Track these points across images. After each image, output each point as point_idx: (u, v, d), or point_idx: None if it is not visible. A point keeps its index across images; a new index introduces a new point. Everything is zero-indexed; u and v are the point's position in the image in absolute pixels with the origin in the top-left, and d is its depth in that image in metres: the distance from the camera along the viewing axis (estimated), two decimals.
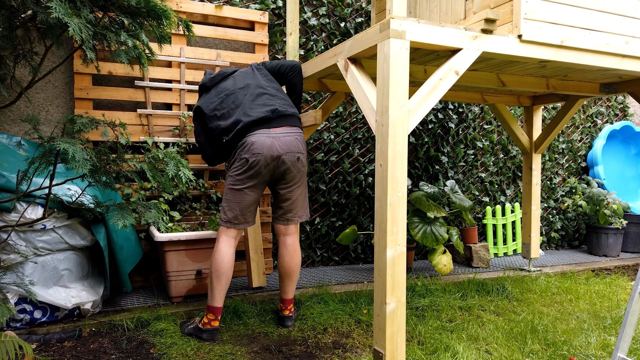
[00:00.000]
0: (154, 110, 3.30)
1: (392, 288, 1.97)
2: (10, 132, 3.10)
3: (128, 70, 3.27)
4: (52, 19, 1.78)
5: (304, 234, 3.97)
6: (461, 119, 4.64)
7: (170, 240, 2.83)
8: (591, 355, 2.30)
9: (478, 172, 4.75)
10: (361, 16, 4.17)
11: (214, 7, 3.49)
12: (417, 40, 2.03)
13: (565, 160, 5.24)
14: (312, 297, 3.07)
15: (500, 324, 2.70)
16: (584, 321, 2.81)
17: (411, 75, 2.76)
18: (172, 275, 2.88)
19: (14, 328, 2.42)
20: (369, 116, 2.11)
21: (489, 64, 2.73)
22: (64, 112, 3.24)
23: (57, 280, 2.50)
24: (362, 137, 4.20)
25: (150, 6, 1.97)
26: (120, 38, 1.91)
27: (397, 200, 1.97)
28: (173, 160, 2.08)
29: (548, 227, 5.12)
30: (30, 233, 2.41)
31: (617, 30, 2.57)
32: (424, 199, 3.67)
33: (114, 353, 2.27)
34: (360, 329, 2.65)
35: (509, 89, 3.20)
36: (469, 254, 4.18)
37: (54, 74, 3.22)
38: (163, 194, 3.24)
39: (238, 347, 2.37)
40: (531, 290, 3.44)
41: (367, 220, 4.23)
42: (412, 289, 3.29)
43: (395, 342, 1.98)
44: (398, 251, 1.98)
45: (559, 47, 2.41)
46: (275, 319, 2.74)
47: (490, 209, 4.59)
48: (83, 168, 1.74)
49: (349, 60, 2.30)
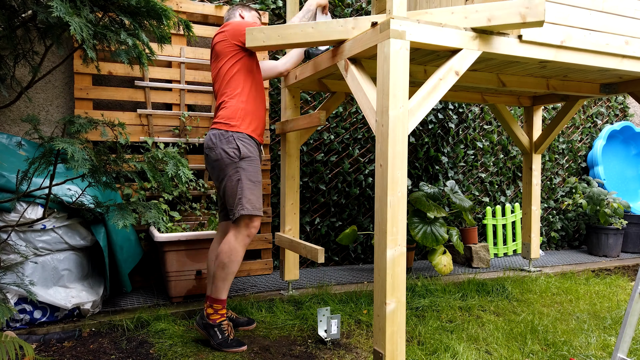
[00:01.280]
0: (154, 111, 3.30)
1: (392, 288, 1.97)
2: (10, 132, 3.10)
3: (128, 71, 3.27)
4: (52, 18, 1.79)
5: (304, 234, 3.96)
6: (461, 119, 4.64)
7: (170, 241, 2.83)
8: (591, 356, 2.30)
9: (478, 172, 4.75)
10: (361, 16, 4.17)
11: (214, 7, 3.49)
12: (417, 40, 2.03)
13: (565, 160, 5.24)
14: (312, 297, 3.07)
15: (500, 324, 2.70)
16: (584, 321, 2.81)
17: (411, 75, 2.76)
18: (172, 275, 2.88)
19: (14, 328, 2.42)
20: (369, 116, 2.10)
21: (489, 64, 2.73)
22: (64, 112, 3.23)
23: (57, 281, 2.50)
24: (362, 137, 4.20)
25: (150, 6, 1.97)
26: (121, 37, 1.91)
27: (397, 200, 1.97)
28: (173, 160, 2.08)
29: (548, 228, 5.12)
30: (30, 233, 2.41)
31: (617, 31, 2.57)
32: (424, 199, 3.67)
33: (113, 353, 2.27)
34: (360, 329, 2.65)
35: (509, 89, 3.20)
36: (469, 254, 4.18)
37: (54, 74, 3.22)
38: (163, 194, 3.24)
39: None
40: (531, 290, 3.44)
41: (367, 220, 4.23)
42: (412, 289, 3.29)
43: (395, 343, 1.98)
44: (398, 251, 1.97)
45: (559, 48, 2.41)
46: (275, 319, 2.74)
47: (490, 209, 4.59)
48: (82, 168, 1.74)
49: (349, 61, 2.30)
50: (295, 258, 3.18)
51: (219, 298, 2.37)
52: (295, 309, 2.93)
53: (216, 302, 2.37)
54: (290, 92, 3.15)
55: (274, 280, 3.48)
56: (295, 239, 2.91)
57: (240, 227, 2.38)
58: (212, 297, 2.38)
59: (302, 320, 2.74)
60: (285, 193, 3.12)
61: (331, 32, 2.30)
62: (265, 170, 3.67)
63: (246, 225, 2.38)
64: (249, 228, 2.39)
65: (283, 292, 3.16)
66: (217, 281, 2.37)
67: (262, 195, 3.66)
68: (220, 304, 2.38)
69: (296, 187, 3.14)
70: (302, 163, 3.95)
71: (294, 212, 3.14)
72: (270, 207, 3.69)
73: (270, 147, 3.81)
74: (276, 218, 3.83)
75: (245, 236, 2.39)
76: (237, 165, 2.37)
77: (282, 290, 3.21)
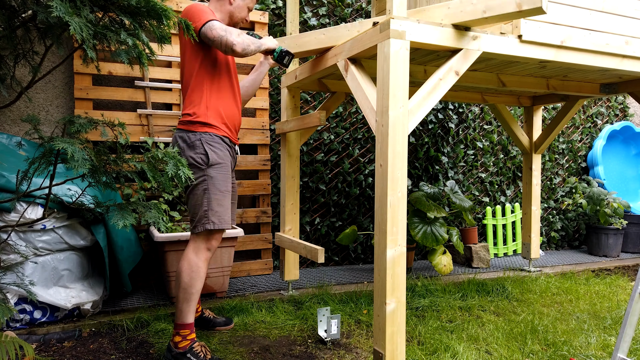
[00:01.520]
0: (154, 111, 3.30)
1: (392, 288, 1.97)
2: (10, 132, 3.10)
3: (128, 71, 3.27)
4: (52, 18, 1.78)
5: (304, 234, 3.96)
6: (461, 119, 4.64)
7: (170, 241, 2.83)
8: (591, 356, 2.30)
9: (478, 172, 4.75)
10: (361, 16, 4.17)
11: None
12: (417, 40, 2.03)
13: (565, 160, 5.24)
14: (312, 297, 3.07)
15: (500, 324, 2.70)
16: (584, 321, 2.80)
17: (411, 75, 2.76)
18: (172, 275, 2.88)
19: (14, 328, 2.42)
20: (369, 116, 2.10)
21: (489, 64, 2.73)
22: (64, 112, 3.24)
23: (57, 281, 2.50)
24: (362, 137, 4.20)
25: (150, 6, 1.97)
26: (121, 37, 1.91)
27: (397, 200, 1.97)
28: (173, 160, 2.08)
29: (548, 228, 5.12)
30: (30, 233, 2.41)
31: (617, 31, 2.57)
32: (424, 199, 3.67)
33: (113, 353, 2.27)
34: (360, 329, 2.65)
35: (509, 89, 3.20)
36: (469, 254, 4.18)
37: (54, 74, 3.22)
38: (163, 194, 3.24)
39: (238, 347, 2.37)
40: (531, 290, 3.44)
41: (367, 220, 4.23)
42: (412, 289, 3.29)
43: (395, 342, 1.97)
44: (398, 251, 1.97)
45: (559, 48, 2.41)
46: (275, 319, 2.74)
47: (490, 210, 4.59)
48: (82, 168, 1.74)
49: (349, 61, 2.30)
50: (295, 258, 3.17)
51: (185, 323, 2.14)
52: (295, 309, 2.93)
53: (183, 328, 2.14)
54: (290, 92, 3.15)
55: (274, 280, 3.48)
56: (295, 239, 2.91)
57: (201, 241, 2.16)
58: (178, 323, 2.14)
59: (302, 320, 2.74)
60: (285, 193, 3.12)
61: (340, 37, 2.43)
62: (265, 170, 3.67)
63: (207, 239, 2.17)
64: (210, 241, 2.18)
65: (283, 292, 3.16)
66: (181, 304, 2.13)
67: (262, 196, 3.67)
68: (188, 329, 2.15)
69: (296, 187, 3.14)
70: (302, 163, 3.95)
71: (294, 212, 3.14)
72: (270, 207, 3.69)
73: (270, 147, 3.81)
74: (276, 218, 3.83)
75: (206, 250, 2.17)
76: (205, 173, 2.15)
77: (282, 290, 3.21)
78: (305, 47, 2.57)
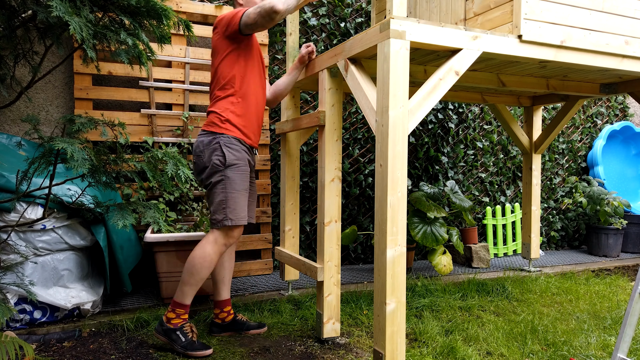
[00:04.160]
0: (158, 111, 3.30)
1: (392, 288, 1.97)
2: (10, 132, 3.10)
3: (128, 71, 3.27)
4: (52, 17, 1.79)
5: (304, 234, 3.96)
6: (461, 119, 4.64)
7: (159, 242, 2.80)
8: (591, 356, 2.30)
9: (478, 172, 4.75)
10: (361, 16, 4.17)
11: (214, 7, 3.49)
12: (417, 40, 2.03)
13: (565, 160, 5.24)
14: (312, 297, 3.07)
15: (500, 324, 2.70)
16: (584, 321, 2.80)
17: (411, 75, 2.76)
18: (162, 276, 2.85)
19: (13, 328, 2.42)
20: (369, 116, 2.10)
21: (489, 64, 2.73)
22: (63, 112, 3.24)
23: (57, 281, 2.50)
24: (362, 137, 4.20)
25: (150, 6, 1.97)
26: (120, 37, 1.91)
27: (397, 200, 1.97)
28: (172, 159, 2.08)
29: (548, 228, 5.12)
30: (30, 233, 2.41)
31: (617, 31, 2.57)
32: (424, 199, 3.67)
33: (113, 353, 2.27)
34: (360, 329, 2.65)
35: (509, 89, 3.20)
36: (469, 254, 4.18)
37: (53, 74, 3.22)
38: (164, 194, 3.24)
39: (238, 347, 2.37)
40: (531, 290, 3.44)
41: (367, 220, 4.23)
42: (412, 289, 3.29)
43: (395, 343, 1.97)
44: (398, 251, 1.97)
45: (559, 48, 2.41)
46: (275, 319, 2.74)
47: (490, 209, 4.59)
48: (82, 167, 1.74)
49: (349, 61, 2.30)
50: None
51: (183, 303, 2.27)
52: (295, 309, 2.93)
53: (179, 307, 2.27)
54: (290, 92, 3.15)
55: (274, 280, 3.48)
56: (295, 254, 2.84)
57: (220, 236, 2.29)
58: (176, 301, 2.27)
59: (302, 320, 2.74)
60: (285, 193, 3.12)
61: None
62: (265, 170, 3.67)
63: (226, 235, 2.30)
64: (229, 238, 2.31)
65: (283, 292, 3.16)
66: (185, 286, 2.26)
67: (262, 196, 3.67)
68: (184, 309, 2.27)
69: (296, 187, 3.14)
70: (302, 163, 3.95)
71: (294, 212, 3.14)
72: (270, 207, 3.69)
73: (270, 147, 3.81)
74: (276, 218, 3.83)
75: (223, 245, 2.30)
76: (223, 174, 2.28)
77: (282, 290, 3.21)
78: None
